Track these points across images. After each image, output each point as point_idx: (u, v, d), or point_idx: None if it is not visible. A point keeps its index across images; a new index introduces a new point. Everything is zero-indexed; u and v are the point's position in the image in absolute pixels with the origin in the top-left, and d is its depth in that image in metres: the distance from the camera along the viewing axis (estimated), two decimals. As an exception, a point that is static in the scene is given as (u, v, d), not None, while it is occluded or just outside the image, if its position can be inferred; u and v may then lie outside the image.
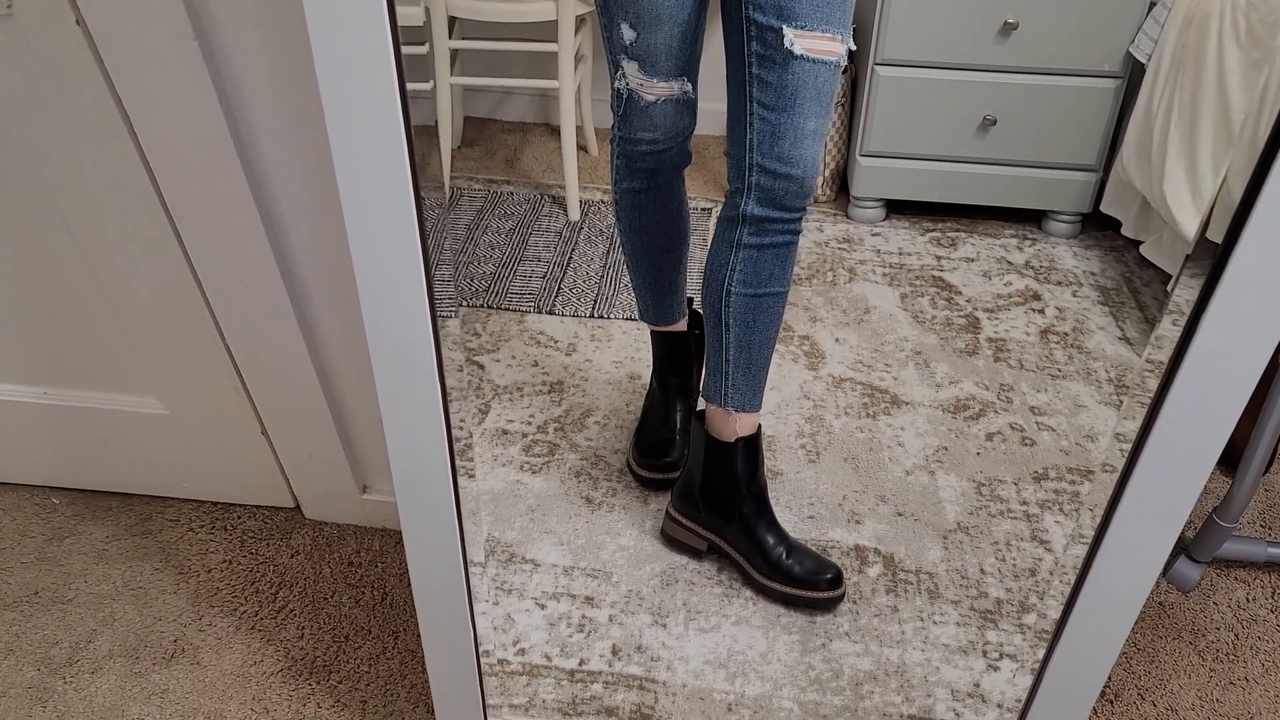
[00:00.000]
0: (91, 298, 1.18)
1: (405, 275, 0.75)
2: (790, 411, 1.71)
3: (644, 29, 1.16)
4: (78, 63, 0.92)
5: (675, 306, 1.52)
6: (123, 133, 0.98)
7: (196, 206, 1.02)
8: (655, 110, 1.25)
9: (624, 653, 1.32)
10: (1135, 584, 0.88)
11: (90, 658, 1.28)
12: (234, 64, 0.92)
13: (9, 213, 1.11)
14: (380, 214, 0.72)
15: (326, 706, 1.23)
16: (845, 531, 1.49)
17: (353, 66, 0.66)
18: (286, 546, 1.41)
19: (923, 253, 2.19)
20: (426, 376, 0.80)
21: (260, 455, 1.35)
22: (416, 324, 0.77)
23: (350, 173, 0.70)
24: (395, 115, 0.68)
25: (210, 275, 1.09)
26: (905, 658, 1.31)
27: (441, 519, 0.89)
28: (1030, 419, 1.70)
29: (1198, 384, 0.73)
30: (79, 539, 1.42)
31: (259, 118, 0.95)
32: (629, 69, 1.21)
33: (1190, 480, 0.79)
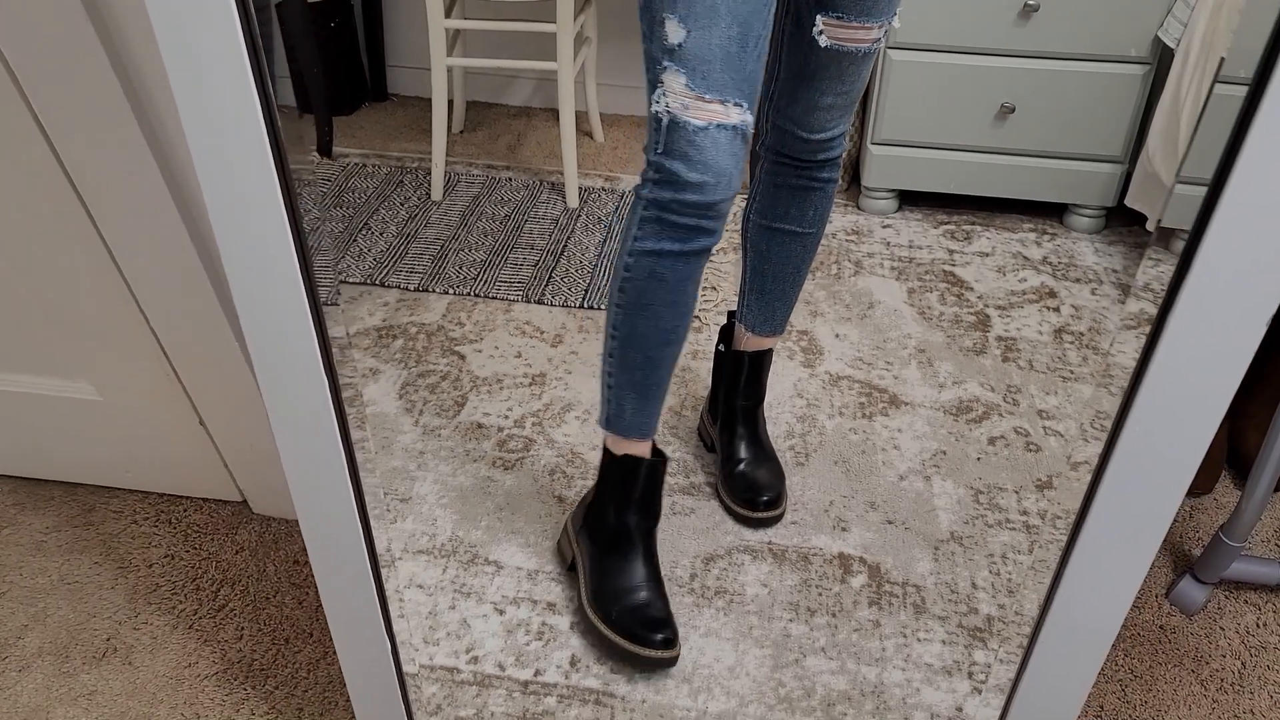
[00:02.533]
0: (7, 278, 1.12)
1: (275, 257, 0.66)
2: (781, 410, 1.62)
3: (696, 24, 0.90)
4: None
5: (653, 415, 1.19)
6: (14, 100, 0.91)
7: (101, 177, 0.95)
8: (705, 139, 0.94)
9: (583, 664, 1.23)
10: (1107, 610, 0.78)
11: (18, 655, 1.22)
12: (127, 30, 0.84)
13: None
14: (242, 189, 0.64)
15: (260, 713, 1.16)
16: (830, 539, 1.39)
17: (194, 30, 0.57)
18: (231, 542, 1.34)
19: (934, 246, 2.08)
20: (310, 367, 0.71)
21: (201, 446, 1.28)
22: (292, 310, 0.68)
23: (201, 139, 0.62)
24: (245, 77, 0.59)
25: (123, 252, 1.02)
26: (884, 677, 1.21)
27: (341, 518, 0.80)
28: (1037, 423, 1.59)
29: (1171, 383, 0.63)
30: (18, 529, 1.36)
31: (160, 86, 0.88)
32: (673, 83, 0.93)
33: (1168, 490, 0.69)
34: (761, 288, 1.35)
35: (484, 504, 1.45)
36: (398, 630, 0.93)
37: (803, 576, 1.34)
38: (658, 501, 1.25)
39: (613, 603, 1.21)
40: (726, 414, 1.45)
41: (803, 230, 1.29)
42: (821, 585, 1.33)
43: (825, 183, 1.25)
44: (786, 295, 1.36)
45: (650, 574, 1.23)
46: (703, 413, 1.55)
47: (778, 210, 1.28)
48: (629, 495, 1.23)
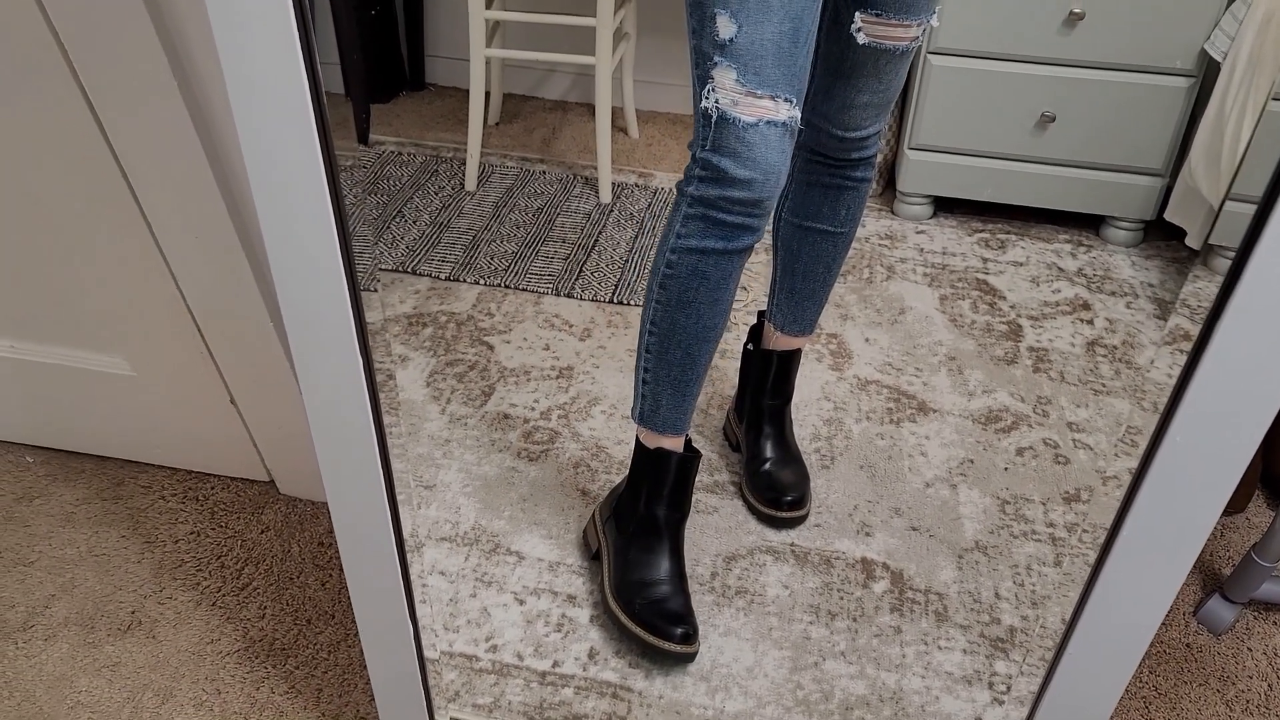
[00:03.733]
0: (50, 253, 1.13)
1: (317, 239, 0.66)
2: (808, 412, 1.61)
3: (749, 19, 0.89)
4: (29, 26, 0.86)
5: (688, 412, 1.20)
6: (66, 77, 0.92)
7: (146, 156, 0.96)
8: (755, 136, 0.94)
9: (601, 657, 1.23)
10: (1136, 626, 0.77)
11: (45, 624, 1.23)
12: (182, 10, 0.85)
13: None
14: (287, 170, 0.64)
15: (280, 692, 1.17)
16: (853, 543, 1.38)
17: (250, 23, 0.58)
18: (257, 522, 1.35)
19: (968, 254, 2.07)
20: (346, 350, 0.71)
21: (231, 425, 1.29)
22: (331, 293, 0.68)
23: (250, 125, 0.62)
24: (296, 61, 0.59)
25: (165, 231, 1.03)
26: (903, 684, 1.20)
27: (370, 501, 0.81)
28: (1067, 435, 1.57)
29: (1215, 394, 0.62)
30: (48, 500, 1.38)
31: (209, 68, 0.89)
32: (723, 79, 0.92)
33: (1205, 501, 0.68)
34: (791, 287, 1.35)
35: (507, 494, 1.45)
36: (419, 616, 0.94)
37: (824, 580, 1.33)
38: (688, 497, 1.26)
39: (635, 594, 1.21)
40: (754, 413, 1.45)
41: (834, 229, 1.28)
42: (843, 589, 1.32)
43: (859, 182, 1.24)
44: (816, 295, 1.35)
45: (675, 569, 1.23)
46: (729, 412, 1.55)
47: (810, 209, 1.27)
48: (660, 489, 1.23)
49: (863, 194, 1.26)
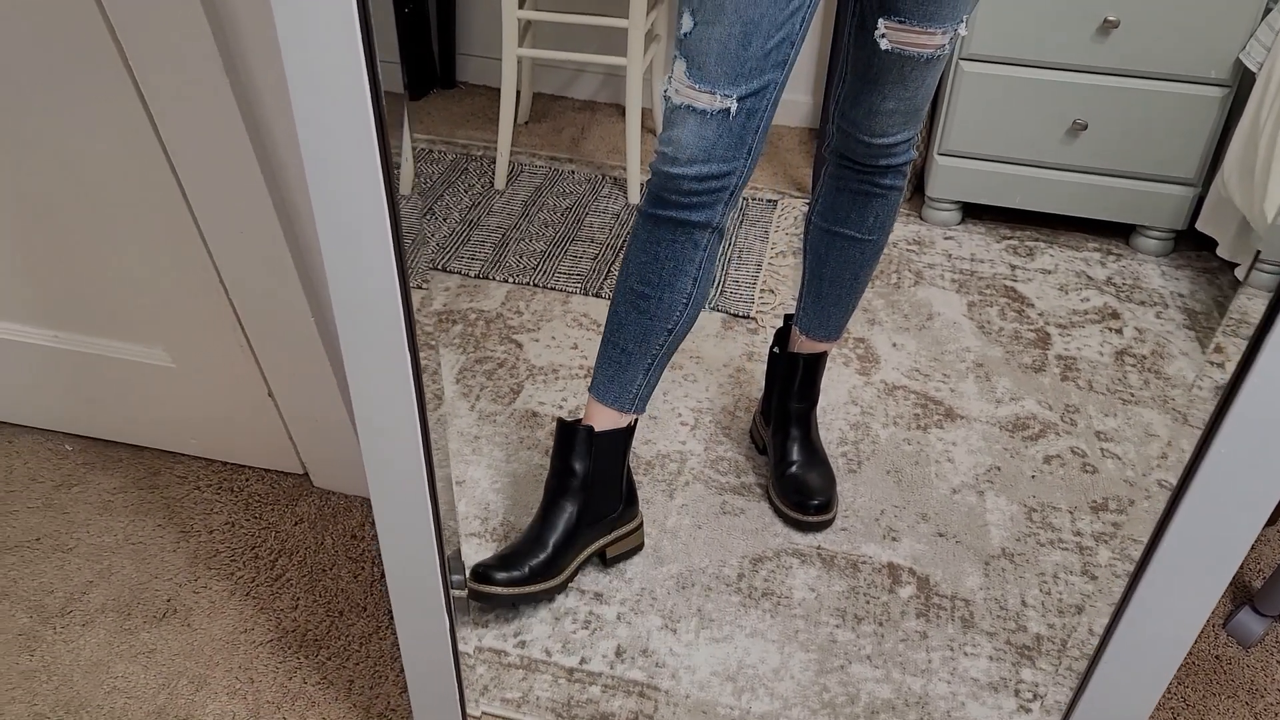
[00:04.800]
0: (97, 244, 1.15)
1: (369, 239, 0.68)
2: (835, 416, 1.62)
3: (703, 18, 0.96)
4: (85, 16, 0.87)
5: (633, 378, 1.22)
6: (119, 68, 0.93)
7: (196, 153, 0.98)
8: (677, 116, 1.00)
9: (628, 655, 1.24)
10: (1172, 638, 0.77)
11: (83, 610, 1.25)
12: (236, 12, 0.86)
13: (20, 159, 1.09)
14: (343, 169, 0.65)
15: (312, 683, 1.18)
16: (879, 548, 1.39)
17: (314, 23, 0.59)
18: (291, 513, 1.37)
19: (997, 260, 2.07)
20: (394, 351, 0.73)
21: (268, 418, 1.31)
22: (383, 290, 0.70)
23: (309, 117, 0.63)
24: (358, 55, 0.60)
25: (212, 227, 1.05)
26: (929, 689, 1.21)
27: (413, 493, 0.82)
28: (1095, 444, 1.57)
29: (1259, 410, 0.63)
30: (87, 488, 1.40)
31: (260, 69, 0.90)
32: (677, 70, 1.00)
33: (1247, 516, 0.68)
34: (818, 292, 1.36)
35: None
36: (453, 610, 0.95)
37: (851, 583, 1.34)
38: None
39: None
40: (780, 416, 1.46)
41: (862, 236, 1.29)
42: (870, 594, 1.33)
43: (887, 189, 1.25)
44: (843, 301, 1.36)
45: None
46: (755, 414, 1.55)
47: (838, 214, 1.28)
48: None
49: (892, 202, 1.26)
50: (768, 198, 2.27)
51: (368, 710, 1.16)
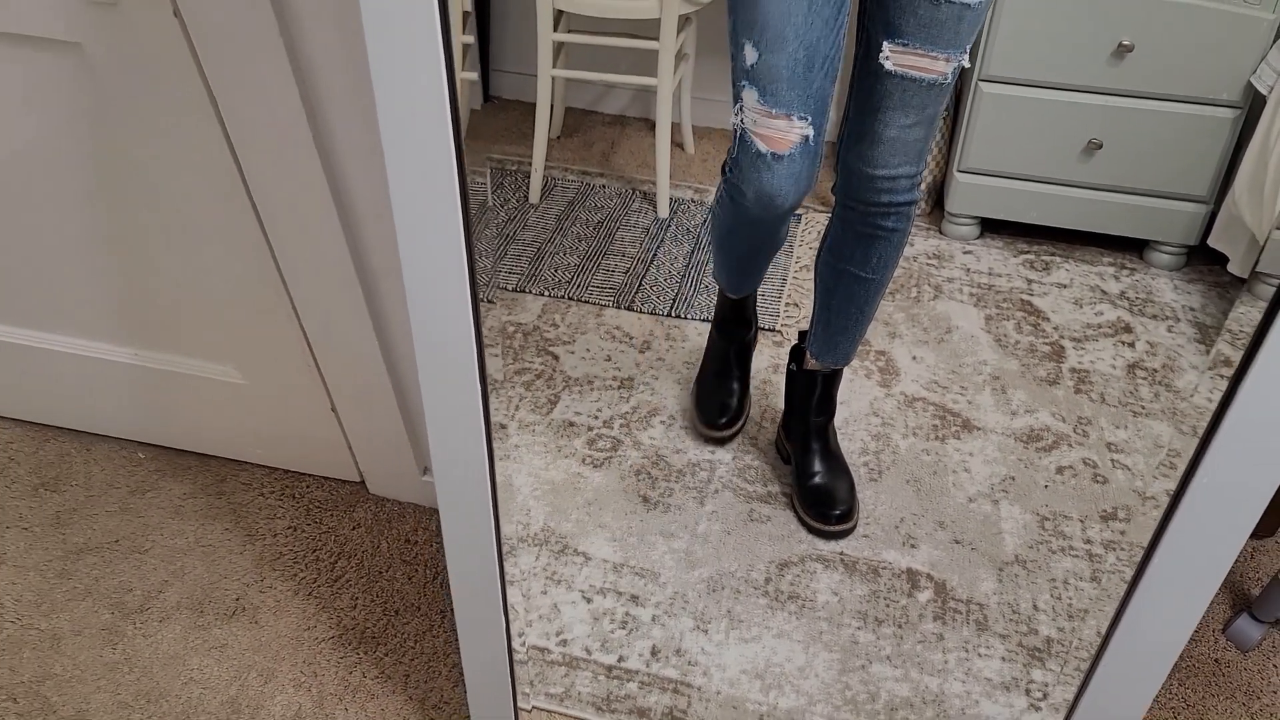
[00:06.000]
0: (177, 269, 1.25)
1: (448, 264, 0.76)
2: (856, 427, 1.70)
3: (768, 49, 1.06)
4: (173, 49, 0.97)
5: (750, 286, 1.57)
6: (210, 116, 1.03)
7: (274, 187, 1.07)
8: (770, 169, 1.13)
9: (663, 654, 1.33)
10: (1167, 639, 0.86)
11: (160, 607, 1.36)
12: (315, 59, 0.96)
13: (107, 189, 1.19)
14: (426, 201, 0.74)
15: (371, 676, 1.28)
16: (899, 554, 1.47)
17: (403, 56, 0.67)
18: (349, 519, 1.47)
19: (1014, 275, 2.14)
20: (466, 365, 0.82)
21: (329, 430, 1.41)
22: (457, 313, 0.79)
23: (400, 162, 0.72)
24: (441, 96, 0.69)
25: (286, 255, 1.14)
26: (945, 688, 1.29)
27: (476, 504, 0.91)
28: (1106, 455, 1.65)
29: (1255, 419, 0.71)
30: (159, 493, 1.50)
31: (336, 107, 0.99)
32: (748, 98, 1.11)
33: (1237, 524, 0.76)
34: (826, 321, 1.44)
35: (574, 498, 1.56)
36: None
37: (872, 588, 1.42)
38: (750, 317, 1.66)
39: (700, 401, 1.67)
40: (800, 430, 1.55)
41: (866, 275, 1.34)
42: (889, 597, 1.41)
43: (890, 232, 1.29)
44: (849, 331, 1.43)
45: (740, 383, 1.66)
46: (779, 426, 1.64)
47: (844, 253, 1.34)
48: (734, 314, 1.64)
49: (895, 244, 1.31)
50: (792, 212, 2.35)
51: (423, 703, 1.26)
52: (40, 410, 1.56)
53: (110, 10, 0.95)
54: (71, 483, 1.51)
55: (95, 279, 1.30)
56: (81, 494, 1.49)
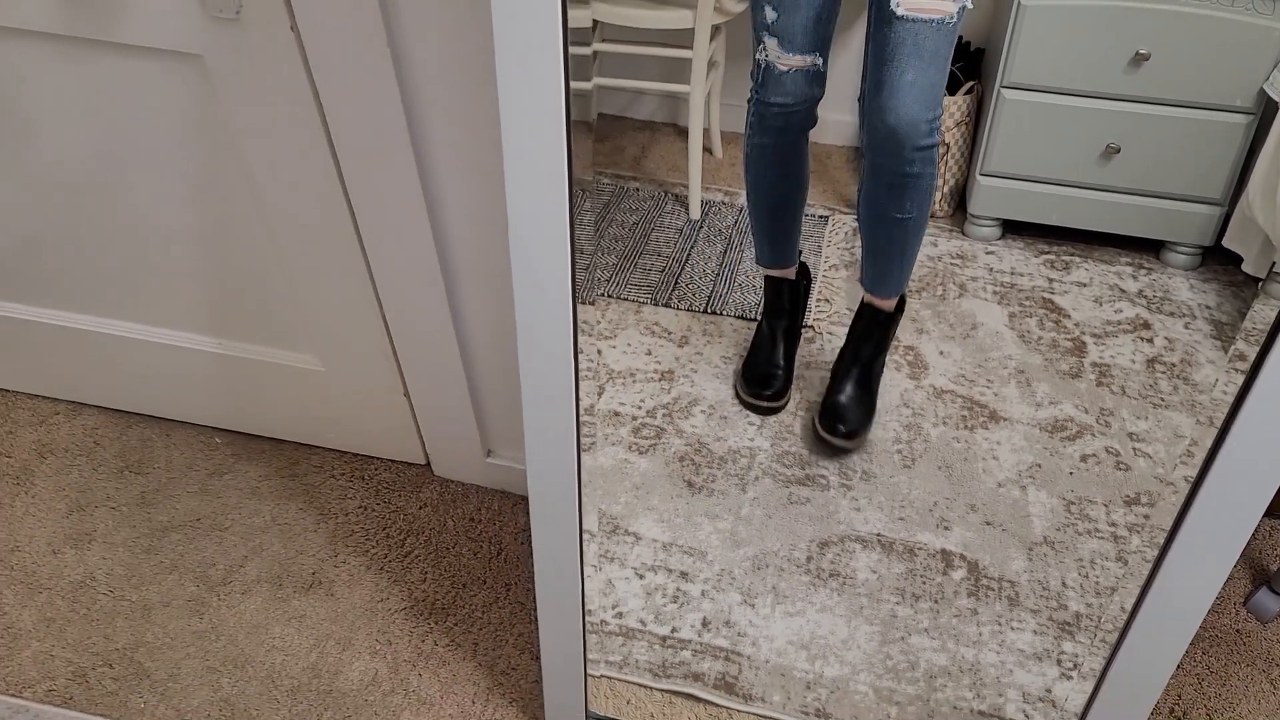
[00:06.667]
0: (271, 264, 1.34)
1: (554, 262, 0.85)
2: (890, 418, 1.78)
3: (784, 11, 1.34)
4: (288, 61, 1.06)
5: (788, 253, 1.75)
6: (317, 124, 1.12)
7: (371, 191, 1.16)
8: (788, 79, 1.42)
9: (713, 626, 1.42)
10: (1191, 608, 0.94)
11: (241, 580, 1.44)
12: (417, 72, 1.05)
13: (213, 186, 1.28)
14: (539, 206, 0.83)
15: (442, 645, 1.37)
16: (933, 535, 1.55)
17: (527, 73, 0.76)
18: (416, 499, 1.56)
19: (1035, 274, 2.22)
20: (563, 357, 0.90)
21: (400, 415, 1.50)
22: (560, 309, 0.88)
23: (516, 160, 0.81)
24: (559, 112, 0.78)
25: (376, 251, 1.23)
26: (980, 658, 1.37)
27: (563, 490, 1.00)
28: (1128, 444, 1.73)
29: (1268, 410, 0.79)
30: (236, 475, 1.59)
31: (434, 118, 1.08)
32: (769, 44, 1.38)
33: (1252, 505, 0.85)
34: (873, 258, 1.64)
35: (622, 482, 1.64)
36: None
37: (908, 566, 1.51)
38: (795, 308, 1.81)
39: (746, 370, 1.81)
40: (845, 355, 1.74)
41: (902, 217, 1.53)
42: (925, 575, 1.49)
43: (916, 177, 1.48)
44: (894, 264, 1.64)
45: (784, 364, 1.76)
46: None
47: (879, 202, 1.52)
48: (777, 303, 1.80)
49: (923, 186, 1.51)
50: (819, 214, 2.44)
51: (491, 669, 1.34)
52: (125, 398, 1.65)
53: (232, 24, 1.04)
54: (154, 465, 1.60)
55: (190, 273, 1.40)
56: (164, 476, 1.58)
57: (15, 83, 1.22)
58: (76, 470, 1.59)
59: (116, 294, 1.47)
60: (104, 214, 1.35)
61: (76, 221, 1.38)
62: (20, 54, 1.17)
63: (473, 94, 1.05)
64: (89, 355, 1.58)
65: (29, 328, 1.57)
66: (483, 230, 1.21)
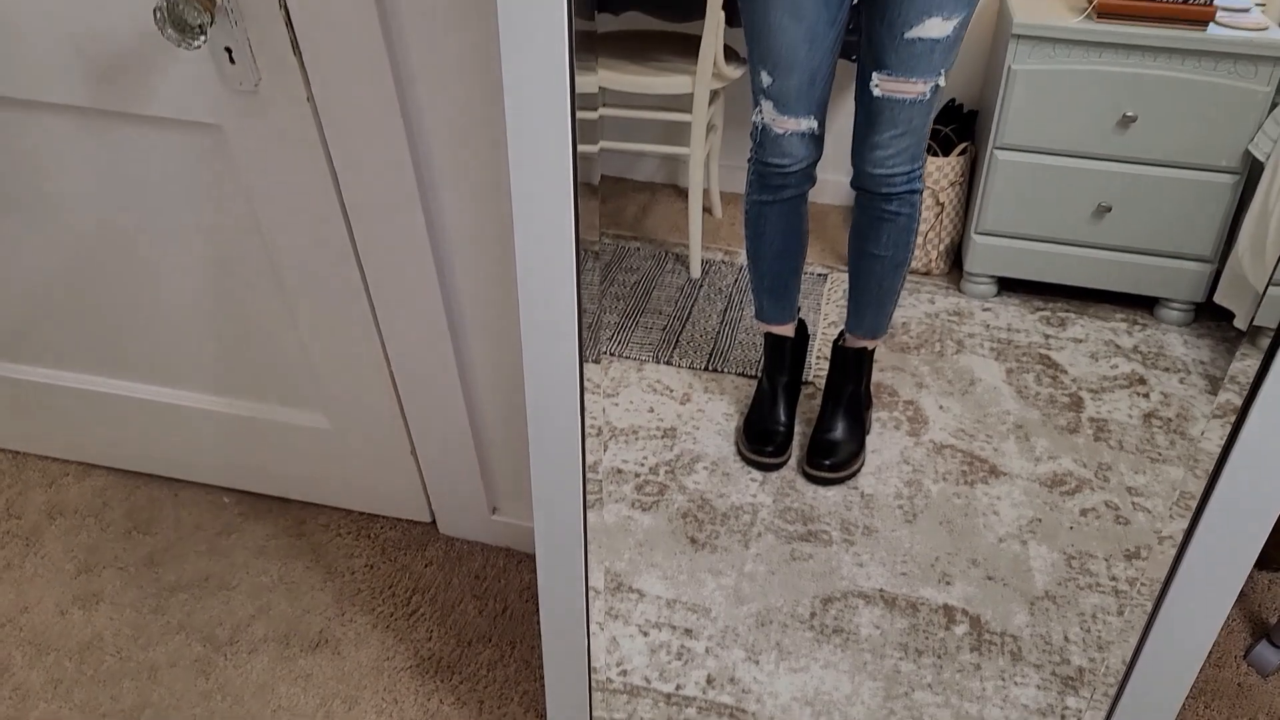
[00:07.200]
0: (282, 324, 1.37)
1: (561, 319, 0.88)
2: (890, 474, 1.80)
3: (779, 76, 1.41)
4: (303, 130, 1.10)
5: (788, 310, 1.80)
6: (330, 188, 1.16)
7: (382, 253, 1.20)
8: (785, 140, 1.51)
9: (718, 683, 1.42)
10: (1186, 661, 0.96)
11: (248, 639, 1.45)
12: (429, 140, 1.09)
13: (226, 249, 1.31)
14: (547, 262, 0.86)
15: (448, 703, 1.37)
16: (935, 590, 1.56)
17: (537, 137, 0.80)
18: (422, 557, 1.57)
19: (1031, 330, 2.26)
20: (571, 416, 0.93)
21: (407, 473, 1.52)
22: (568, 369, 0.90)
23: (526, 222, 0.85)
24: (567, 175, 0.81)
25: (386, 313, 1.26)
26: (984, 713, 1.38)
27: (570, 546, 1.02)
28: (1126, 498, 1.75)
29: (1255, 458, 0.82)
30: (244, 535, 1.61)
31: (444, 182, 1.12)
32: (766, 107, 1.47)
33: (1242, 555, 0.87)
34: (856, 298, 1.72)
35: (626, 540, 1.65)
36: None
37: (911, 621, 1.51)
38: (795, 364, 1.84)
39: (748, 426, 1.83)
40: (829, 394, 1.81)
41: (880, 253, 1.62)
42: (928, 630, 1.50)
43: (895, 215, 1.57)
44: (874, 306, 1.72)
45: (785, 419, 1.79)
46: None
47: (863, 235, 1.62)
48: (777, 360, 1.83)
49: (901, 225, 1.59)
50: (818, 272, 2.48)
51: (497, 727, 1.35)
52: (134, 458, 1.67)
53: (251, 96, 1.08)
54: (162, 525, 1.62)
55: (201, 334, 1.43)
56: (172, 536, 1.60)
57: (39, 154, 1.26)
58: (85, 531, 1.61)
59: (128, 355, 1.50)
60: (118, 277, 1.39)
61: (90, 285, 1.41)
62: (45, 127, 1.22)
63: (482, 158, 1.09)
64: (99, 416, 1.61)
65: (41, 390, 1.60)
66: (491, 290, 1.24)
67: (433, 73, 1.03)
